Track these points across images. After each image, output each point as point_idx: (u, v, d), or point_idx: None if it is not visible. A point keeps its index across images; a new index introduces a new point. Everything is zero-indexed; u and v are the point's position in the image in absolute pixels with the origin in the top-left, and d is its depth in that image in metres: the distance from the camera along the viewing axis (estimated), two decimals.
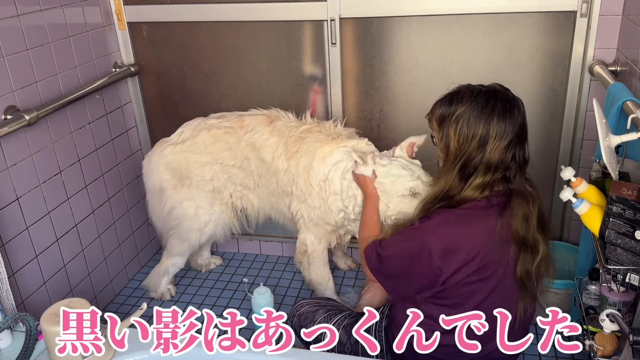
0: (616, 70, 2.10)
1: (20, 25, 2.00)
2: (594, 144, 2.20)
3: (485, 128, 1.48)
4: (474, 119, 1.49)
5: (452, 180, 1.54)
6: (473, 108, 1.50)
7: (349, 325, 1.83)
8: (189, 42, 2.53)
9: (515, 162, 1.52)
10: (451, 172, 1.54)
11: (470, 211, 1.52)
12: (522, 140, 1.53)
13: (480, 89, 1.54)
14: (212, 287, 2.72)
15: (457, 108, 1.52)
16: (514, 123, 1.49)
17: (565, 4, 2.14)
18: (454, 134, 1.52)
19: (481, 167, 1.51)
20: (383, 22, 2.31)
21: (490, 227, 1.50)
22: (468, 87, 1.57)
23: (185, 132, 2.33)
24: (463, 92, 1.54)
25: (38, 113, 2.01)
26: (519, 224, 1.52)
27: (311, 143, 2.15)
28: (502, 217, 1.51)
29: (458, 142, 1.52)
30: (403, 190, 1.90)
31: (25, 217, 2.07)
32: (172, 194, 2.35)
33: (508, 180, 1.53)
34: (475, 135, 1.49)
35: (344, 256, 2.78)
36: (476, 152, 1.50)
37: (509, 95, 1.53)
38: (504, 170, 1.52)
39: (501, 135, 1.48)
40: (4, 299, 1.69)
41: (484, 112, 1.49)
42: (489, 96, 1.51)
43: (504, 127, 1.48)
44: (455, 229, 1.51)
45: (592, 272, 1.75)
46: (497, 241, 1.50)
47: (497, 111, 1.48)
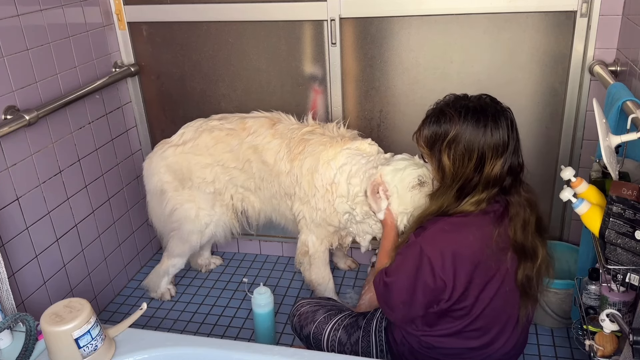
0: (616, 70, 2.09)
1: (20, 25, 2.00)
2: (594, 144, 2.20)
3: (481, 150, 1.46)
4: (467, 143, 1.46)
5: (449, 199, 1.52)
6: (464, 130, 1.46)
7: (349, 325, 1.83)
8: (189, 42, 2.53)
9: (511, 172, 1.51)
10: (449, 194, 1.52)
11: (466, 219, 1.51)
12: (516, 149, 1.51)
13: (467, 106, 1.49)
14: (212, 287, 2.72)
15: (448, 130, 1.48)
16: (508, 136, 1.47)
17: (565, 4, 2.14)
18: (448, 159, 1.49)
19: (480, 186, 1.49)
20: (383, 22, 2.31)
21: (486, 234, 1.49)
22: (454, 104, 1.51)
23: (187, 133, 2.33)
24: (450, 113, 1.49)
25: (38, 113, 2.01)
26: (518, 232, 1.52)
27: (315, 145, 2.14)
28: (499, 226, 1.50)
29: (454, 167, 1.49)
30: (412, 180, 1.89)
31: (25, 217, 2.07)
32: (173, 195, 2.35)
33: (504, 191, 1.52)
34: (471, 159, 1.47)
35: (344, 256, 2.78)
36: (474, 173, 1.48)
37: (497, 108, 1.49)
38: (502, 183, 1.51)
39: (497, 154, 1.46)
40: (4, 299, 1.69)
41: (476, 135, 1.45)
42: (478, 116, 1.47)
43: (499, 143, 1.46)
44: (451, 236, 1.50)
45: (592, 272, 1.75)
46: (494, 248, 1.50)
47: (489, 130, 1.45)
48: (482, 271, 1.51)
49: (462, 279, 1.50)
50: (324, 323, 1.85)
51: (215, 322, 2.47)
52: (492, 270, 1.52)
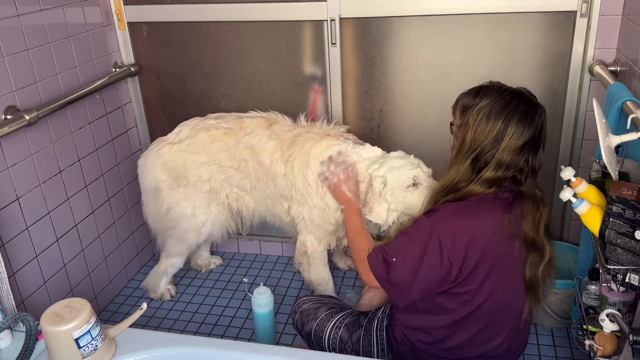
0: (616, 70, 2.10)
1: (20, 25, 2.00)
2: (594, 144, 2.20)
3: (504, 125, 1.50)
4: (495, 114, 1.51)
5: (463, 170, 1.56)
6: (496, 103, 1.52)
7: (350, 323, 1.84)
8: (189, 42, 2.53)
9: (527, 166, 1.53)
10: (463, 163, 1.56)
11: (478, 203, 1.53)
12: (537, 146, 1.54)
13: (507, 88, 1.57)
14: (212, 287, 2.72)
15: (481, 100, 1.54)
16: (533, 127, 1.51)
17: (565, 4, 2.14)
18: (473, 123, 1.54)
19: (492, 163, 1.52)
20: (383, 22, 2.31)
21: (497, 220, 1.51)
22: (497, 83, 1.60)
23: (183, 131, 2.33)
24: (490, 87, 1.57)
25: (38, 113, 2.01)
26: (529, 226, 1.54)
27: (303, 143, 2.15)
28: (509, 213, 1.52)
29: (475, 133, 1.54)
30: (407, 180, 1.90)
31: (25, 217, 2.07)
32: (169, 194, 2.35)
33: (518, 182, 1.55)
34: (492, 129, 1.51)
35: (344, 256, 2.78)
36: (490, 146, 1.52)
37: (533, 101, 1.55)
38: (515, 171, 1.53)
39: (517, 136, 1.50)
40: (4, 299, 1.69)
41: (505, 109, 1.51)
42: (514, 96, 1.53)
43: (522, 128, 1.50)
44: (463, 220, 1.52)
45: (592, 272, 1.75)
46: (504, 235, 1.52)
47: (518, 111, 1.50)
48: (489, 256, 1.52)
49: (470, 262, 1.50)
50: (326, 321, 1.86)
51: (215, 322, 2.47)
52: (499, 257, 1.53)
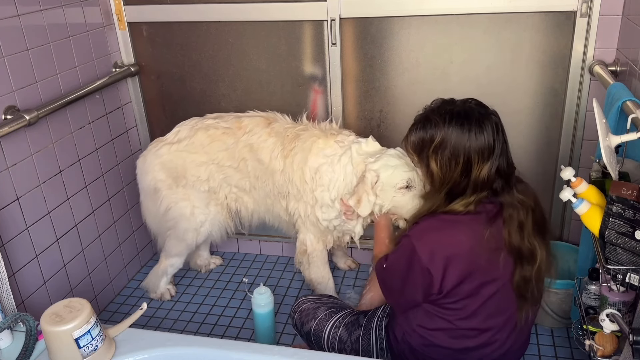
0: (616, 70, 2.09)
1: (20, 25, 2.00)
2: (594, 144, 2.20)
3: (467, 154, 1.48)
4: (453, 148, 1.48)
5: (440, 200, 1.55)
6: (449, 135, 1.48)
7: (350, 323, 1.84)
8: (189, 42, 2.53)
9: (500, 174, 1.52)
10: (438, 196, 1.55)
11: (456, 217, 1.52)
12: (504, 151, 1.52)
13: (452, 112, 1.51)
14: (212, 287, 2.72)
15: (433, 136, 1.51)
16: (493, 140, 1.48)
17: (565, 4, 2.14)
18: (436, 164, 1.52)
19: (468, 189, 1.51)
20: (383, 22, 2.31)
21: (476, 234, 1.50)
22: (439, 110, 1.54)
23: (182, 131, 2.33)
24: (435, 118, 1.52)
25: (38, 113, 2.01)
26: (514, 234, 1.52)
27: (307, 138, 2.16)
28: (490, 226, 1.51)
29: (442, 171, 1.52)
30: (400, 181, 1.90)
31: (25, 217, 2.07)
32: (168, 194, 2.35)
33: (496, 193, 1.53)
34: (458, 163, 1.49)
35: (344, 256, 2.78)
36: (461, 177, 1.50)
37: (482, 112, 1.51)
38: (491, 185, 1.52)
39: (483, 156, 1.48)
40: (4, 299, 1.69)
41: (461, 139, 1.48)
42: (462, 120, 1.49)
43: (485, 147, 1.48)
44: (440, 233, 1.52)
45: (592, 272, 1.75)
46: (485, 249, 1.50)
47: (474, 133, 1.47)
48: (473, 270, 1.51)
49: (452, 275, 1.51)
50: (325, 320, 1.86)
51: (215, 322, 2.47)
52: (484, 271, 1.52)
